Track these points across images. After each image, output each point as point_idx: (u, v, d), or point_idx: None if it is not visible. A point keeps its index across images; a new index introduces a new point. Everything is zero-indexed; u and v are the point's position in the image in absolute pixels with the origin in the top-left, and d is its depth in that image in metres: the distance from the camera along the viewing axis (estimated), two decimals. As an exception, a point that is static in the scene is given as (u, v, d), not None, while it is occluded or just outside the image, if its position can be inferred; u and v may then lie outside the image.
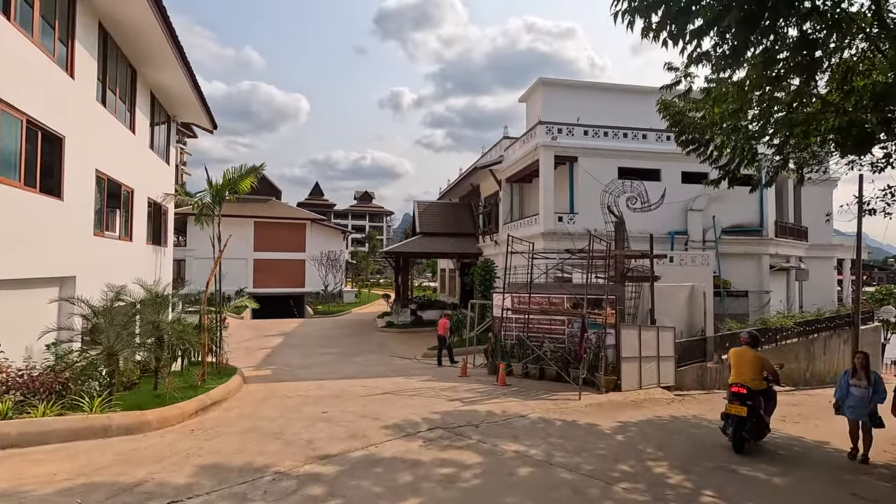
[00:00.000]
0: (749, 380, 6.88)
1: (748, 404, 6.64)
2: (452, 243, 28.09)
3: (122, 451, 5.38)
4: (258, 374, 14.26)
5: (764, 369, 7.06)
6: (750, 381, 6.88)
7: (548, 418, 8.04)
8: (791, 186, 24.35)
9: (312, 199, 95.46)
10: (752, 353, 7.16)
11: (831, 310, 23.29)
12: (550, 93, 22.54)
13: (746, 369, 6.98)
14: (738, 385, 6.85)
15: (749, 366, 7.01)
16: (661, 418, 9.01)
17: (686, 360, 14.65)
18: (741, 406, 6.64)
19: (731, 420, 6.78)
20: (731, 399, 6.84)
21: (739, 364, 7.09)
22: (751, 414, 6.62)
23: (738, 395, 6.76)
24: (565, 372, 11.85)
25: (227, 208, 46.66)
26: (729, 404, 6.84)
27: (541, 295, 13.35)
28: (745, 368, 7.00)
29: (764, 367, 7.07)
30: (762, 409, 6.82)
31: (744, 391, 6.75)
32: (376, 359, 17.90)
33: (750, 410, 6.62)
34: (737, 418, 6.67)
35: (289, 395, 9.67)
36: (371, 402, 8.77)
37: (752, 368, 6.98)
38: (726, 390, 7.17)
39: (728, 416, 6.83)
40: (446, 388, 10.65)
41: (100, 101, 9.83)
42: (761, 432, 6.92)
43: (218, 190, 14.51)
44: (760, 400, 6.82)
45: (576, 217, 19.42)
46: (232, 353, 19.04)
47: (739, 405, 6.67)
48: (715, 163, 11.00)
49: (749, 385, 6.82)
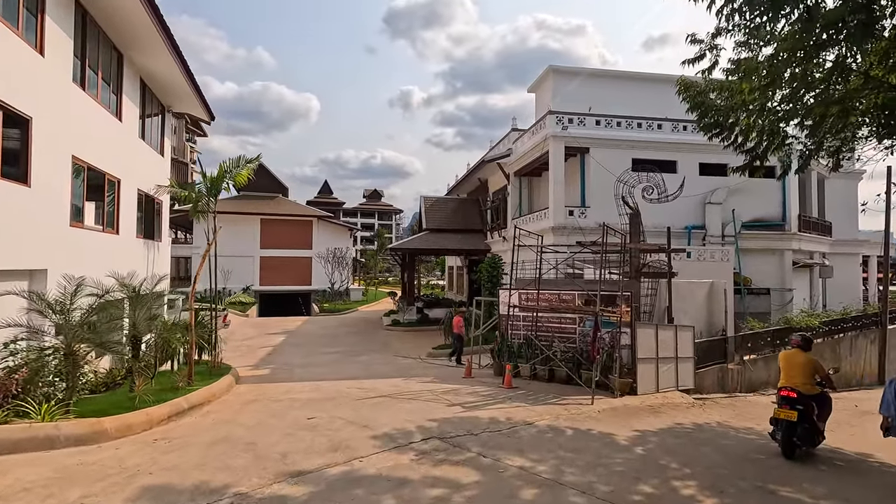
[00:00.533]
0: (799, 384, 6.50)
1: (798, 409, 6.30)
2: (460, 239, 27.33)
3: (63, 466, 4.72)
4: (254, 374, 13.64)
5: (816, 373, 6.64)
6: (800, 385, 6.49)
7: (557, 426, 7.25)
8: (815, 179, 23.19)
9: (321, 198, 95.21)
10: (803, 357, 6.72)
11: (857, 309, 22.11)
12: (561, 81, 21.63)
13: (796, 373, 6.59)
14: (787, 388, 6.51)
15: (799, 369, 6.59)
16: (682, 426, 8.17)
17: (705, 362, 13.74)
18: (791, 410, 6.32)
19: (780, 425, 6.47)
20: (781, 403, 6.53)
21: (789, 367, 6.71)
22: (802, 419, 6.28)
23: (787, 399, 6.44)
24: (576, 374, 11.05)
25: (233, 205, 46.44)
26: (778, 408, 6.53)
27: (550, 291, 12.55)
28: (794, 372, 6.61)
29: (816, 372, 6.65)
30: (815, 415, 6.43)
31: (793, 395, 6.41)
32: (379, 358, 17.24)
33: (801, 415, 6.28)
34: (786, 423, 6.36)
35: (278, 397, 8.99)
36: (364, 407, 8.06)
37: (803, 372, 6.56)
38: (775, 394, 6.88)
39: (777, 420, 6.53)
40: (448, 390, 9.90)
41: (78, 84, 9.23)
42: (814, 439, 6.50)
43: (213, 182, 13.93)
44: (812, 405, 6.43)
45: (587, 211, 18.55)
46: (232, 351, 18.55)
47: (789, 409, 6.35)
48: (740, 148, 10.11)
49: (800, 389, 6.45)
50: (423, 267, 69.10)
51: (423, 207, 29.48)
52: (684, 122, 19.68)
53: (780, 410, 6.47)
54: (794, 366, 6.65)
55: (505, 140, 24.98)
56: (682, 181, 16.83)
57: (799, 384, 6.50)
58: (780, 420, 6.48)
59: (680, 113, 20.02)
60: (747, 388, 15.12)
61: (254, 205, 41.37)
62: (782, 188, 20.46)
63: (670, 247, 13.28)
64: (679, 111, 20.25)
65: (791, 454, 6.36)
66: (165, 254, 15.88)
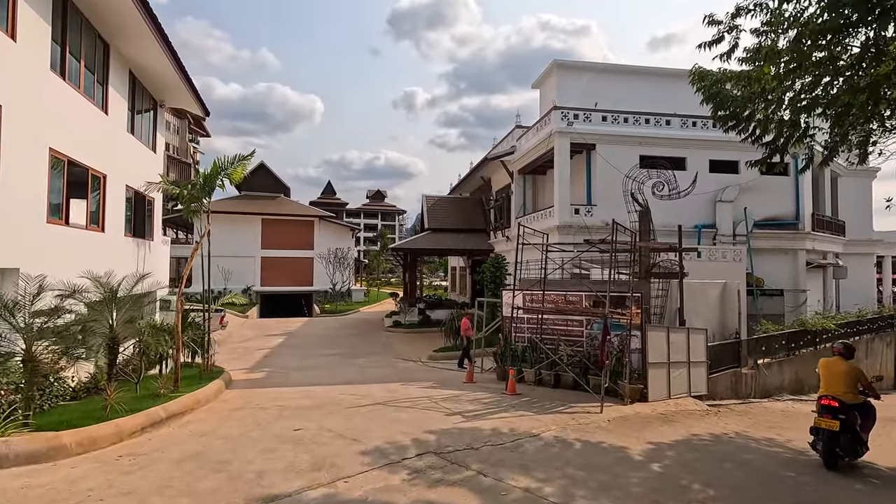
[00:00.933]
0: (841, 392, 6.25)
1: (840, 418, 6.06)
2: (462, 239, 26.77)
3: (3, 490, 4.18)
4: (248, 378, 13.13)
5: (859, 382, 6.38)
6: (842, 394, 6.24)
7: (565, 439, 6.68)
8: (828, 177, 22.50)
9: (325, 198, 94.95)
10: (845, 365, 6.46)
11: (873, 310, 21.40)
12: (566, 76, 21.03)
13: (838, 381, 6.34)
14: (828, 397, 6.27)
15: (841, 378, 6.34)
16: (699, 438, 7.58)
17: (718, 366, 13.13)
18: (833, 420, 6.09)
19: (821, 434, 6.24)
20: (822, 412, 6.29)
21: (829, 376, 6.47)
22: (844, 429, 6.04)
23: (829, 409, 6.20)
24: (583, 379, 10.46)
25: (234, 205, 45.98)
26: (818, 418, 6.29)
27: (556, 292, 11.97)
28: (836, 380, 6.37)
29: (859, 380, 6.39)
30: (858, 425, 6.20)
31: (835, 404, 6.16)
32: (379, 361, 16.71)
33: (843, 425, 6.04)
34: (828, 433, 6.13)
35: (267, 405, 8.45)
36: (356, 416, 7.50)
37: (845, 381, 6.31)
38: (815, 403, 6.62)
39: (818, 430, 6.29)
40: (448, 397, 9.33)
41: (57, 72, 8.74)
42: (857, 450, 6.25)
43: (206, 179, 13.43)
44: (855, 415, 6.20)
45: (593, 209, 17.97)
46: (228, 353, 18.07)
47: (831, 419, 6.11)
48: (758, 141, 9.49)
49: (842, 398, 6.21)
50: (426, 268, 68.56)
51: (424, 207, 28.93)
52: (694, 117, 19.07)
53: (822, 420, 6.20)
54: (836, 374, 6.39)
55: (509, 137, 24.41)
56: (695, 176, 16.21)
57: (840, 393, 6.24)
58: (821, 430, 6.22)
59: (689, 108, 19.55)
60: (761, 393, 14.51)
61: (255, 205, 40.96)
62: (795, 186, 19.80)
63: (681, 246, 12.67)
64: (688, 107, 19.78)
65: (833, 465, 6.11)
66: (159, 253, 15.41)
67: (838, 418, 6.06)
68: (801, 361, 15.98)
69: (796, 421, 10.79)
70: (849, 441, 6.07)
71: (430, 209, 28.70)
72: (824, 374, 6.55)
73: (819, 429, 6.25)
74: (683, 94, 20.99)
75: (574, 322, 11.55)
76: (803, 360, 16.04)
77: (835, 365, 6.48)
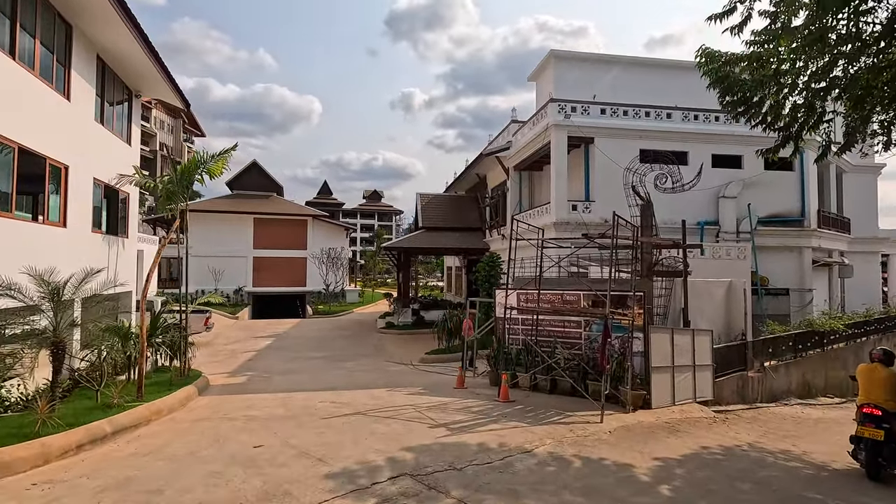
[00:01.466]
0: (883, 400, 6.12)
1: (885, 427, 5.94)
2: (457, 238, 26.03)
3: None
4: (226, 383, 12.38)
5: None
6: (884, 401, 6.11)
7: (562, 455, 5.93)
8: (833, 173, 21.82)
9: (321, 198, 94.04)
10: (885, 371, 6.30)
11: (880, 310, 20.71)
12: (563, 68, 20.29)
13: (879, 389, 6.20)
14: (871, 406, 6.14)
15: (882, 385, 6.20)
16: (710, 451, 6.86)
17: (724, 369, 12.39)
18: (877, 429, 5.96)
19: (864, 444, 6.12)
20: (864, 421, 6.16)
21: (870, 383, 6.31)
22: (889, 438, 5.92)
23: (872, 417, 6.07)
24: (582, 384, 9.73)
25: (225, 204, 45.04)
26: (861, 426, 6.16)
27: (552, 291, 11.23)
28: (876, 388, 6.22)
29: None
30: None
31: (878, 412, 6.04)
32: (368, 364, 15.96)
33: (888, 434, 5.92)
34: (871, 442, 6.01)
35: (235, 414, 7.69)
36: (330, 429, 6.74)
37: (886, 388, 6.17)
38: (856, 411, 6.46)
39: (860, 439, 6.17)
40: (435, 405, 8.58)
41: (5, 51, 7.97)
42: None
43: (184, 172, 12.69)
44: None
45: (592, 206, 17.26)
46: (212, 356, 17.30)
47: (875, 428, 5.99)
48: (770, 127, 8.78)
49: (884, 406, 6.08)
50: (422, 268, 67.79)
51: (418, 205, 28.20)
52: (696, 110, 18.39)
53: (865, 429, 6.07)
54: (876, 381, 6.23)
55: (504, 133, 23.68)
56: (700, 168, 15.50)
57: (882, 401, 6.10)
58: (862, 439, 6.11)
59: (691, 101, 18.88)
60: (769, 397, 13.79)
61: (247, 204, 40.16)
62: (801, 181, 19.12)
63: (685, 242, 11.96)
64: (690, 99, 19.10)
65: (877, 476, 6.00)
66: (134, 252, 14.63)
67: (882, 427, 5.91)
68: (809, 364, 15.32)
69: (809, 428, 10.12)
70: (893, 451, 5.89)
71: (425, 207, 27.97)
72: (864, 382, 6.36)
73: (861, 438, 6.11)
74: (685, 86, 20.46)
75: (571, 323, 10.82)
76: (811, 363, 15.37)
77: (875, 372, 6.29)
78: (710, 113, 18.30)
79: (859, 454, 6.24)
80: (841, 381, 16.21)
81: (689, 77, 21.24)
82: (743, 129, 18.80)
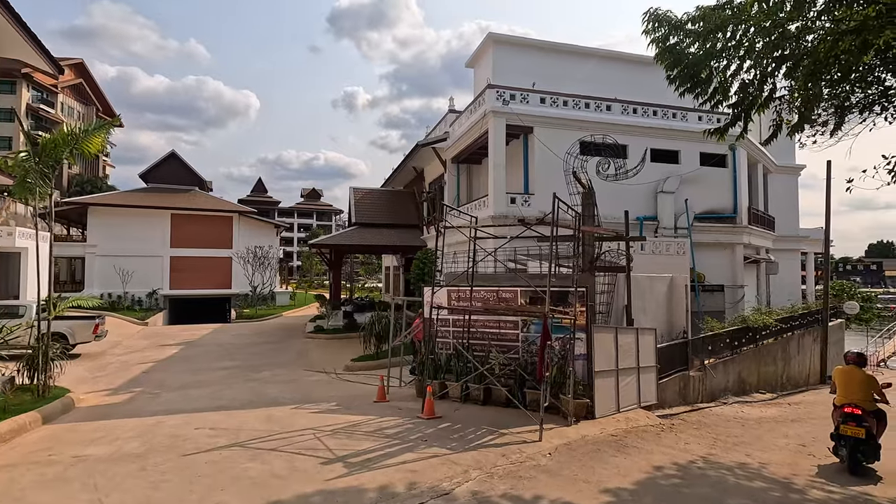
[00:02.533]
0: (861, 400, 6.48)
1: (865, 425, 6.28)
2: (393, 235, 24.44)
3: None
4: (100, 404, 10.14)
5: (872, 389, 6.59)
6: (862, 401, 6.47)
7: (489, 497, 4.57)
8: (761, 172, 22.38)
9: (255, 196, 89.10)
10: (862, 373, 6.69)
11: (803, 306, 21.41)
12: (503, 53, 19.27)
13: (857, 389, 6.56)
14: (851, 405, 6.47)
15: (860, 386, 6.57)
16: (664, 472, 5.78)
17: (667, 370, 11.73)
18: (858, 427, 6.28)
19: (844, 441, 6.44)
20: (846, 420, 6.45)
21: (848, 384, 6.65)
22: (868, 436, 6.28)
23: (853, 416, 6.41)
24: (519, 394, 8.50)
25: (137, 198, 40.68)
26: (844, 425, 6.45)
27: (487, 288, 9.98)
28: (855, 388, 6.58)
29: (872, 387, 6.60)
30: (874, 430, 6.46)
31: (858, 412, 6.38)
32: (283, 374, 14.06)
33: (867, 432, 6.27)
34: (853, 440, 6.33)
35: (64, 453, 5.74)
36: (177, 477, 4.96)
37: (863, 388, 6.54)
38: (836, 411, 6.72)
39: (841, 437, 6.49)
40: (341, 428, 6.98)
41: None
42: (877, 454, 6.46)
43: (46, 148, 10.41)
44: (874, 421, 6.47)
45: (531, 199, 16.30)
46: (99, 369, 14.61)
47: (857, 426, 6.30)
48: (720, 103, 8.00)
49: (862, 405, 6.44)
50: (363, 269, 65.25)
51: (352, 200, 26.32)
52: (635, 104, 17.97)
53: (847, 427, 6.37)
54: (855, 382, 6.59)
55: (442, 123, 22.41)
56: (644, 155, 14.84)
57: (860, 400, 6.46)
58: (843, 437, 6.43)
59: (630, 94, 18.48)
60: (709, 396, 13.37)
61: (164, 198, 36.44)
62: (733, 178, 19.25)
63: (629, 234, 11.13)
64: (630, 92, 18.69)
65: (857, 471, 6.30)
66: None
67: (863, 426, 6.22)
68: (744, 360, 15.20)
69: (755, 431, 9.52)
70: (871, 448, 6.27)
71: (359, 202, 26.14)
72: (842, 383, 6.69)
73: (842, 436, 6.42)
74: (626, 79, 20.10)
75: (508, 324, 9.60)
76: (745, 359, 15.27)
77: (853, 373, 6.66)
78: (648, 107, 17.94)
79: (840, 451, 6.52)
80: (769, 376, 16.30)
81: (628, 69, 21.11)
82: (680, 123, 18.83)
